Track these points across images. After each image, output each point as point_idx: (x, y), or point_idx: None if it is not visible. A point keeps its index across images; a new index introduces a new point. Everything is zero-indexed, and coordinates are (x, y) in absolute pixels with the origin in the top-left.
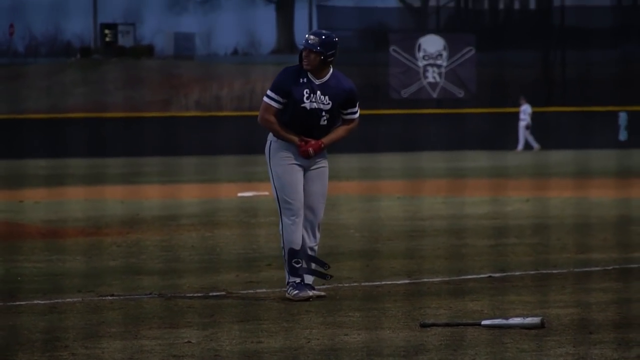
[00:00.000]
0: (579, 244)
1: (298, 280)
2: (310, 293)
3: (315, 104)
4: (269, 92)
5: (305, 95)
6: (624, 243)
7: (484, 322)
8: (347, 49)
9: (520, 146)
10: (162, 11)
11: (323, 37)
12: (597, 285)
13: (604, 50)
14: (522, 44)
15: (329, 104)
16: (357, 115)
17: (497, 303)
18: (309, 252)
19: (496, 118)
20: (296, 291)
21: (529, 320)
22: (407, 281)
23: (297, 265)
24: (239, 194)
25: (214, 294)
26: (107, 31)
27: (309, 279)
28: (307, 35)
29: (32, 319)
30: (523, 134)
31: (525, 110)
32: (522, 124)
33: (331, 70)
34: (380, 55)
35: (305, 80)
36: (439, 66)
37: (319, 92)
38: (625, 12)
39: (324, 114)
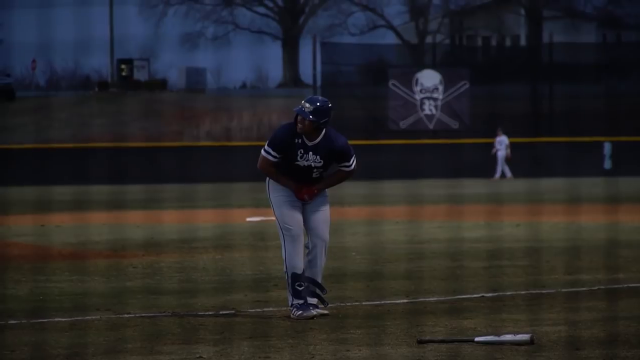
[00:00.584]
0: (567, 266)
1: (301, 301)
2: (314, 312)
3: (307, 162)
4: (266, 147)
5: (299, 155)
6: (610, 265)
7: (477, 339)
8: (349, 84)
9: (508, 174)
10: (175, 47)
11: (318, 104)
12: (584, 304)
13: (589, 84)
14: (513, 78)
15: (320, 162)
16: (351, 168)
17: (489, 321)
18: (318, 276)
19: (489, 148)
20: (300, 311)
21: (519, 337)
22: (405, 300)
23: (300, 288)
24: (248, 219)
25: (225, 312)
26: (123, 66)
27: (312, 299)
28: (303, 102)
29: (54, 336)
30: (502, 162)
31: (502, 141)
32: (501, 154)
33: (323, 132)
34: (380, 89)
35: (299, 141)
36: (435, 99)
37: (311, 153)
38: (610, 49)
39: (315, 170)
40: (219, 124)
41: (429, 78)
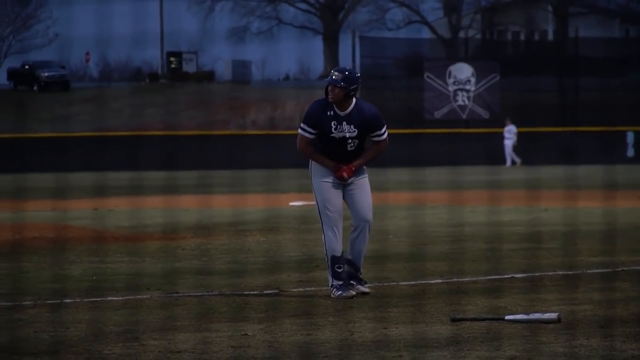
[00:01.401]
0: (594, 249)
1: (341, 282)
2: (353, 292)
3: (342, 133)
4: (302, 125)
5: (333, 127)
6: (636, 248)
7: (507, 317)
8: (387, 76)
9: (509, 163)
10: (222, 41)
11: (346, 72)
12: (610, 285)
13: (613, 77)
14: (541, 71)
15: (354, 131)
16: (383, 137)
17: (519, 300)
18: (361, 255)
19: (519, 137)
20: (340, 292)
21: (547, 315)
22: (441, 281)
23: (339, 270)
24: (291, 203)
25: (269, 292)
26: (172, 59)
27: (351, 280)
28: (332, 71)
29: (106, 314)
30: (509, 152)
31: (511, 130)
32: (509, 142)
33: (354, 101)
34: (416, 81)
35: (331, 113)
36: (467, 91)
37: (344, 123)
38: (632, 43)
39: (350, 141)
40: (263, 114)
41: (461, 71)
